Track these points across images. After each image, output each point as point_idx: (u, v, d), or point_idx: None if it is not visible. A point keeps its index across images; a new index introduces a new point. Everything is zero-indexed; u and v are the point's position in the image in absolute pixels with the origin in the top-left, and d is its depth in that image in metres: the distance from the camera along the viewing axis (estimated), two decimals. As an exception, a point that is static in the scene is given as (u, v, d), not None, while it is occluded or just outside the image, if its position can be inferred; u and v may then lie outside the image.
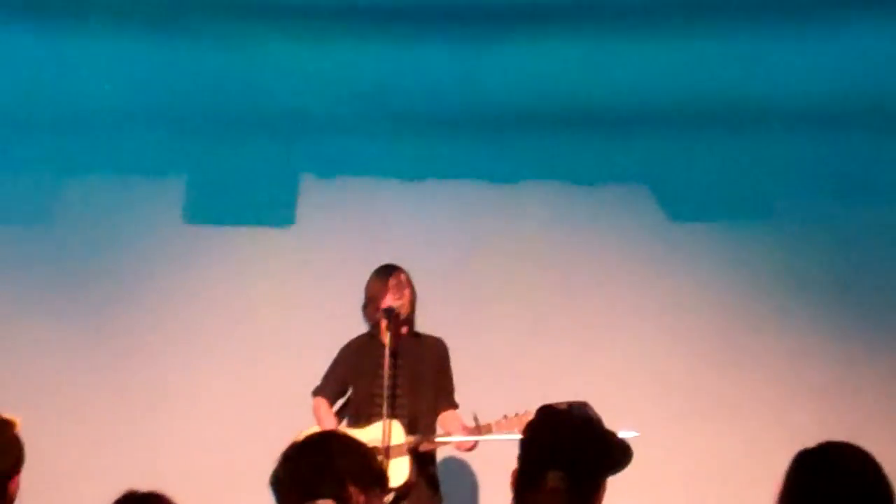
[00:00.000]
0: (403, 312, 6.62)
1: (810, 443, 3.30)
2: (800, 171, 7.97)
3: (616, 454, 3.33)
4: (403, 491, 6.39)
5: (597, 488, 3.29)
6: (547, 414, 3.39)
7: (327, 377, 6.78)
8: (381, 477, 3.59)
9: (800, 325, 7.94)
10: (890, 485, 3.20)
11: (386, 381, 6.35)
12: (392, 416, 6.39)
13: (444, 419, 6.66)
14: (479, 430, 6.45)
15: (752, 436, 7.53)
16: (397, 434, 6.40)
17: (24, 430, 4.17)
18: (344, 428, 6.49)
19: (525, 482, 3.32)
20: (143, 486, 3.61)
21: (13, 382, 7.57)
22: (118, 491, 3.58)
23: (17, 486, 4.04)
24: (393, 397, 6.41)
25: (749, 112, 7.87)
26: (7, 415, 4.13)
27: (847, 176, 7.93)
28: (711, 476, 7.60)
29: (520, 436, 6.26)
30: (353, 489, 3.43)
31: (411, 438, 6.42)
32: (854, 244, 7.98)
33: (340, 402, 6.79)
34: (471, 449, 6.65)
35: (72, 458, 7.78)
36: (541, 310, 7.97)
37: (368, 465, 3.57)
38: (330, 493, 3.40)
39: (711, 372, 7.87)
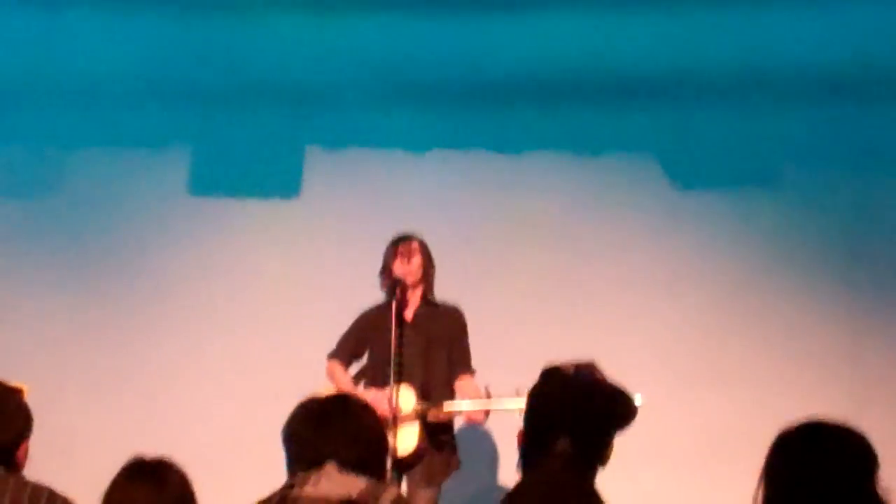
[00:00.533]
0: (411, 280, 6.64)
1: (817, 411, 3.26)
2: (807, 139, 7.95)
3: (622, 412, 3.34)
4: (413, 459, 6.40)
5: (604, 447, 3.30)
6: (553, 378, 3.38)
7: (342, 342, 6.80)
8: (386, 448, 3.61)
9: (807, 294, 7.93)
10: (873, 462, 3.13)
11: (393, 349, 6.36)
12: (403, 382, 6.41)
13: (461, 386, 6.66)
14: (488, 401, 6.45)
15: (759, 404, 7.51)
16: (409, 400, 6.41)
17: (31, 400, 4.19)
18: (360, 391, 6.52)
19: (532, 446, 3.32)
20: (151, 453, 3.62)
21: (19, 354, 7.56)
22: (125, 458, 3.59)
23: (26, 453, 4.06)
24: (401, 364, 6.42)
25: (756, 80, 7.84)
26: (14, 383, 4.15)
27: (855, 144, 7.90)
28: (716, 443, 7.59)
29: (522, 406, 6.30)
30: (363, 453, 3.44)
31: (418, 406, 6.43)
32: (862, 213, 7.97)
33: (355, 367, 6.79)
34: (479, 421, 6.65)
35: (79, 426, 7.80)
36: (548, 279, 7.96)
37: (383, 434, 3.58)
38: (349, 452, 3.40)
39: (718, 340, 7.87)
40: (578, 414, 3.30)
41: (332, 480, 3.33)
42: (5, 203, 8.26)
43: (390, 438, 5.78)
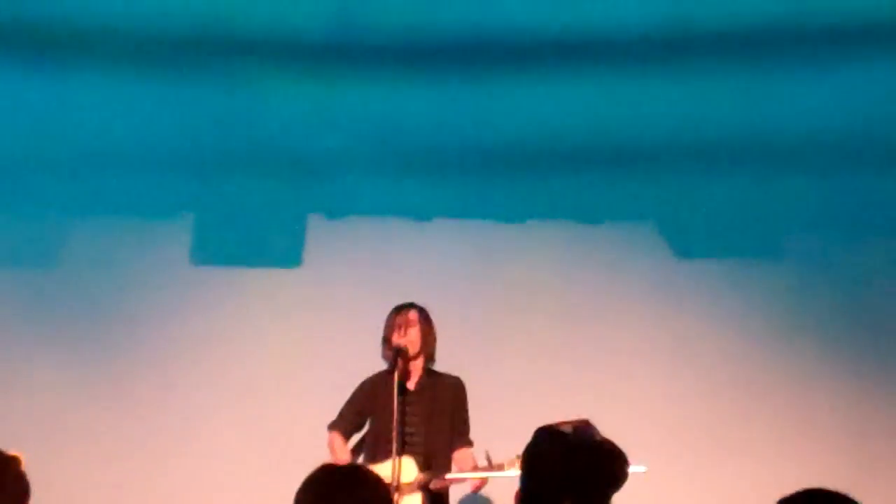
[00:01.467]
0: (411, 350, 6.63)
1: (818, 483, 3.26)
2: (809, 208, 7.97)
3: (620, 471, 3.32)
4: None
5: None
6: (551, 438, 3.35)
7: (343, 412, 6.77)
8: None
9: (809, 363, 7.91)
10: None
11: (396, 418, 6.35)
12: (405, 453, 6.39)
13: (458, 457, 6.65)
14: (491, 468, 6.40)
15: (760, 474, 7.48)
16: (411, 471, 6.38)
17: (32, 471, 4.16)
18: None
19: None
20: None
21: (21, 423, 7.54)
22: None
23: None
24: (403, 434, 6.41)
25: (757, 150, 7.87)
26: (11, 452, 4.12)
27: (857, 213, 7.92)
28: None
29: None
30: None
31: (421, 476, 6.40)
32: (865, 282, 7.97)
33: (357, 437, 6.76)
34: (480, 487, 6.60)
35: (76, 497, 7.75)
36: (549, 347, 7.95)
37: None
38: None
39: (719, 409, 7.85)
40: (581, 474, 3.26)
41: None
42: (6, 272, 8.26)
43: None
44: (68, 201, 8.23)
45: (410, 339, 6.64)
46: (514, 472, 6.23)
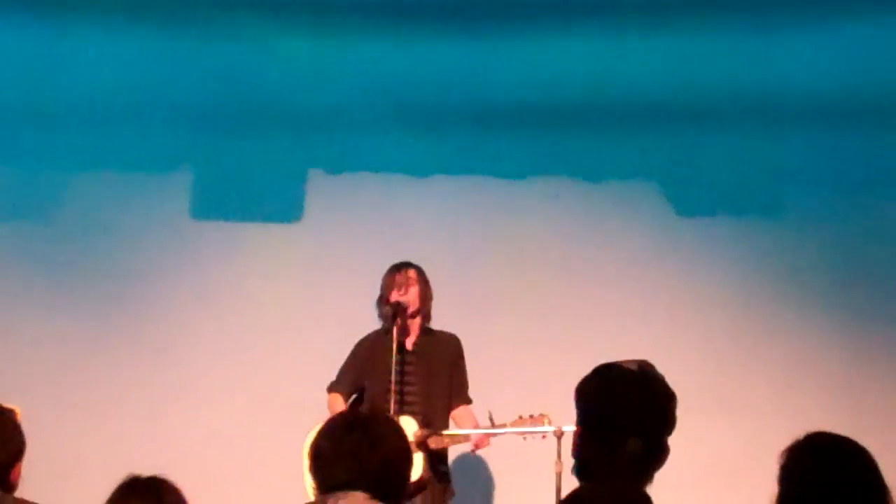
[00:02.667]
0: (410, 308, 6.63)
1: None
2: (808, 166, 7.95)
3: (675, 415, 3.26)
4: (417, 488, 6.31)
5: (667, 449, 3.20)
6: (618, 376, 3.25)
7: (342, 373, 6.77)
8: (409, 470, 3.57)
9: (807, 321, 7.91)
10: (878, 470, 3.19)
11: (393, 377, 6.35)
12: (404, 412, 6.40)
13: (457, 415, 6.66)
14: (493, 427, 6.41)
15: (757, 433, 7.49)
16: (410, 429, 6.38)
17: (28, 423, 4.17)
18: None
19: (597, 445, 3.20)
20: (147, 473, 3.59)
21: (18, 377, 7.54)
22: (121, 479, 3.56)
23: (19, 475, 4.04)
24: (402, 393, 6.42)
25: (757, 107, 7.86)
26: (7, 404, 4.13)
27: (856, 172, 7.90)
28: (715, 472, 7.59)
29: (529, 430, 6.27)
30: (392, 477, 3.40)
31: (420, 433, 6.40)
32: (862, 241, 7.96)
33: (355, 396, 6.77)
34: (481, 446, 6.59)
35: (75, 448, 7.77)
36: (548, 305, 7.96)
37: (410, 455, 3.54)
38: (373, 476, 3.36)
39: (717, 368, 7.86)
40: (650, 415, 3.19)
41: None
42: (5, 225, 8.25)
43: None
44: (66, 155, 8.22)
45: (410, 297, 6.64)
46: (510, 430, 6.28)
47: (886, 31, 7.77)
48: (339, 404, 6.68)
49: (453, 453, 6.81)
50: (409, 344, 6.67)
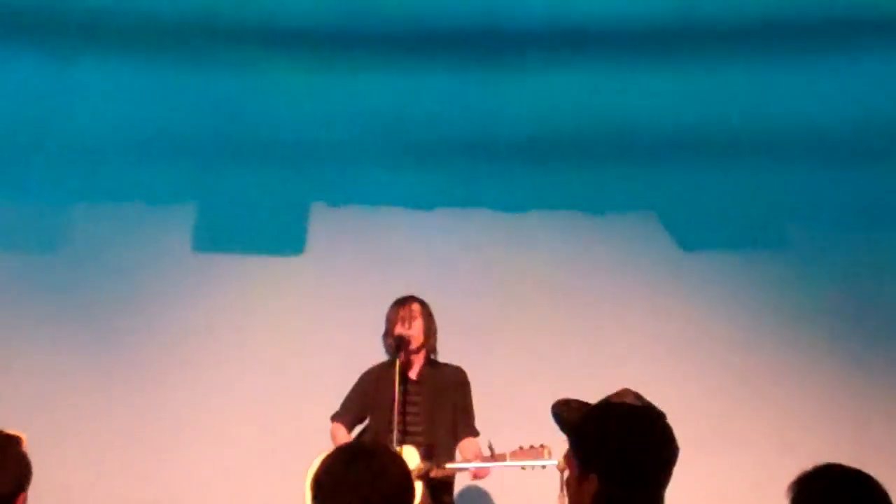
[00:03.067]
0: (414, 342, 6.64)
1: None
2: (813, 201, 7.96)
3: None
4: None
5: None
6: (624, 411, 3.05)
7: (346, 403, 6.78)
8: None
9: (811, 357, 7.91)
10: (889, 501, 3.19)
11: (396, 407, 6.35)
12: (407, 443, 6.40)
13: (463, 447, 6.65)
14: (493, 458, 6.40)
15: (763, 465, 7.48)
16: (412, 460, 6.38)
17: (35, 455, 4.15)
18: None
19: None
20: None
21: (20, 409, 7.52)
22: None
23: (25, 503, 4.02)
24: (405, 423, 6.41)
25: (761, 142, 7.88)
26: (12, 431, 4.11)
27: (861, 207, 7.92)
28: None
29: (528, 463, 6.26)
30: None
31: (421, 465, 6.40)
32: (867, 276, 7.96)
33: (359, 428, 6.76)
34: (482, 477, 6.59)
35: (76, 480, 7.74)
36: (551, 338, 7.95)
37: (412, 487, 3.53)
38: None
39: (722, 401, 7.85)
40: (665, 452, 3.02)
41: None
42: (8, 258, 8.25)
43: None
44: (71, 187, 8.23)
45: (414, 332, 6.65)
46: (511, 463, 6.28)
47: (891, 67, 7.80)
48: (342, 434, 6.69)
49: (458, 485, 6.79)
50: (413, 374, 6.68)
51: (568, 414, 3.15)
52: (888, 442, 7.62)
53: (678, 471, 3.00)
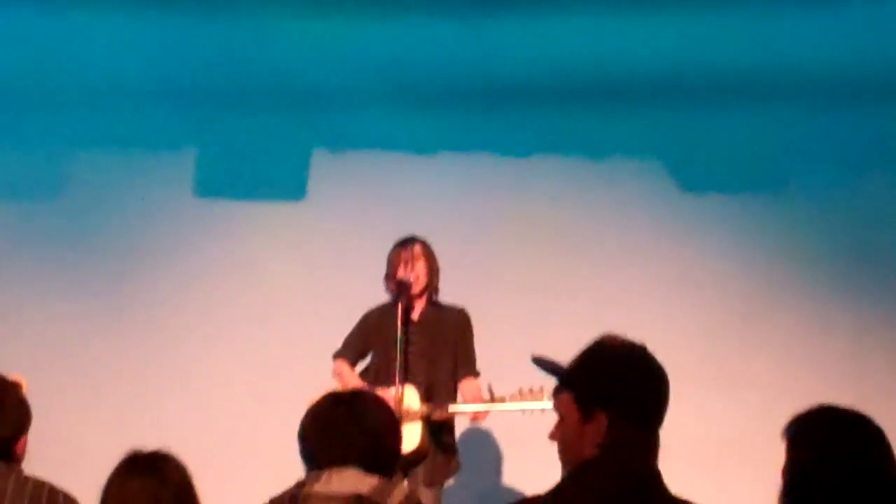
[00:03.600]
0: (416, 284, 6.63)
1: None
2: (813, 143, 7.94)
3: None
4: (414, 458, 6.37)
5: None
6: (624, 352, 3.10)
7: (348, 340, 6.79)
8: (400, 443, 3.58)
9: (810, 297, 7.92)
10: (887, 441, 3.19)
11: (398, 346, 6.35)
12: (408, 383, 6.43)
13: (464, 388, 6.66)
14: (492, 402, 6.44)
15: (762, 408, 7.50)
16: (413, 401, 6.40)
17: (34, 398, 4.18)
18: (365, 392, 6.50)
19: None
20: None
21: (22, 354, 7.53)
22: (124, 454, 3.56)
23: (24, 447, 4.05)
24: (406, 363, 6.43)
25: (762, 84, 7.84)
26: (12, 376, 4.14)
27: (861, 149, 7.90)
28: (720, 446, 7.60)
29: (528, 406, 6.30)
30: (377, 450, 3.41)
31: (423, 406, 6.41)
32: (867, 217, 7.96)
33: (360, 367, 6.78)
34: (480, 419, 6.63)
35: (79, 426, 7.80)
36: (553, 281, 7.96)
37: (397, 431, 3.56)
38: (362, 450, 3.37)
39: (722, 343, 7.87)
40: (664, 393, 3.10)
41: (343, 478, 3.32)
42: (10, 205, 8.27)
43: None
44: (71, 133, 8.23)
45: (416, 273, 6.64)
46: (513, 406, 6.29)
47: (891, 8, 7.75)
48: (346, 369, 6.72)
49: (460, 426, 6.82)
50: (415, 316, 6.68)
51: (552, 363, 3.18)
52: (887, 382, 7.63)
53: (677, 410, 3.04)
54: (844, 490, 3.06)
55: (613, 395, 3.01)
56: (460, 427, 6.84)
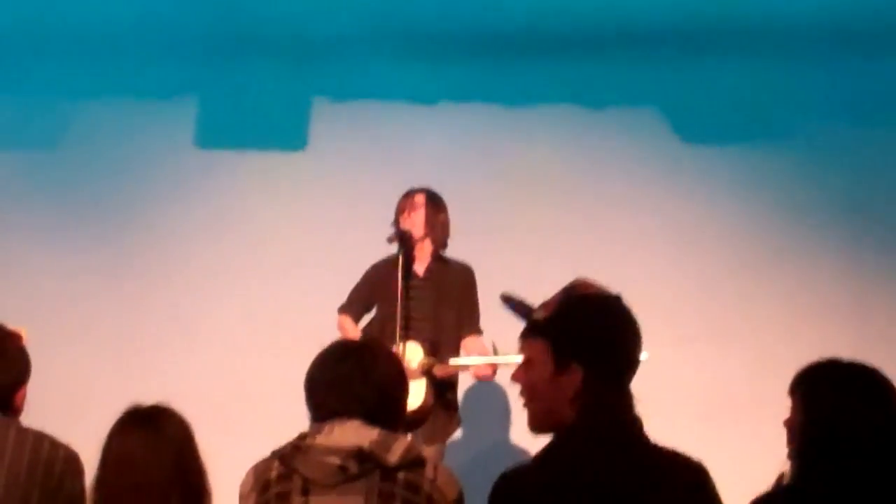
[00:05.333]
0: (415, 233, 6.60)
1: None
2: (817, 93, 7.91)
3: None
4: (419, 415, 6.33)
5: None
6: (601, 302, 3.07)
7: (352, 295, 6.77)
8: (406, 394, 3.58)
9: (812, 250, 7.92)
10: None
11: (400, 303, 6.34)
12: (411, 338, 6.41)
13: (467, 344, 6.65)
14: (496, 357, 6.40)
15: (762, 358, 7.52)
16: (416, 356, 6.38)
17: (36, 349, 4.18)
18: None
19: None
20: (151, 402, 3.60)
21: (22, 304, 7.54)
22: (125, 407, 3.57)
23: (24, 397, 4.06)
24: (408, 318, 6.41)
25: (766, 32, 7.79)
26: (13, 327, 4.13)
27: (866, 98, 7.87)
28: (720, 397, 7.61)
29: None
30: (382, 403, 3.41)
31: (425, 361, 6.40)
32: (869, 167, 7.95)
33: (366, 321, 6.76)
34: (487, 377, 6.57)
35: (79, 377, 7.80)
36: (553, 232, 7.95)
37: (405, 382, 3.55)
38: (367, 404, 3.37)
39: (722, 294, 7.87)
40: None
41: (346, 430, 3.32)
42: (11, 154, 8.24)
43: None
44: (71, 83, 8.20)
45: (414, 222, 6.61)
46: (517, 359, 6.25)
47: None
48: (350, 324, 6.70)
49: (462, 383, 6.82)
50: (419, 270, 6.65)
51: (522, 304, 3.14)
52: (888, 333, 7.63)
53: (678, 362, 3.02)
54: (860, 442, 3.07)
55: (592, 350, 2.97)
56: (463, 383, 6.84)
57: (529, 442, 3.15)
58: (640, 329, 3.02)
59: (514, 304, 3.16)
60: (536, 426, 3.05)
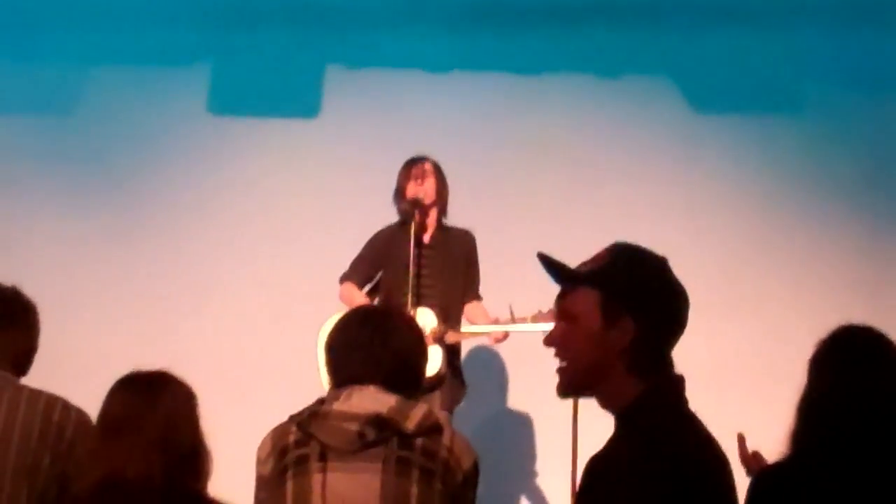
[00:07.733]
0: (427, 201, 6.59)
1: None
2: (830, 62, 7.89)
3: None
4: (435, 381, 6.32)
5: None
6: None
7: (356, 263, 6.74)
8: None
9: (825, 219, 7.90)
10: None
11: (411, 269, 6.34)
12: (420, 305, 6.41)
13: (469, 310, 6.66)
14: (513, 322, 6.37)
15: (775, 330, 7.52)
16: (429, 322, 6.38)
17: (46, 316, 4.19)
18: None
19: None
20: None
21: (35, 270, 7.53)
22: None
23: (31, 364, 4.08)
24: (419, 286, 6.41)
25: (777, 1, 7.76)
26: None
27: (879, 68, 7.84)
28: (733, 369, 7.61)
29: (548, 327, 6.28)
30: (402, 370, 3.41)
31: (438, 328, 6.40)
32: (883, 136, 7.92)
33: (367, 289, 6.75)
34: (501, 340, 6.56)
35: (93, 341, 7.79)
36: (564, 201, 7.95)
37: (424, 349, 3.55)
38: (386, 370, 3.37)
39: (735, 265, 7.86)
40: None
41: (364, 396, 3.33)
42: (25, 120, 8.25)
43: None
44: (85, 49, 8.19)
45: (427, 189, 6.60)
46: (530, 327, 6.25)
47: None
48: (355, 292, 6.66)
49: (466, 347, 6.82)
50: (426, 238, 6.64)
51: (560, 263, 2.93)
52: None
53: (693, 331, 2.90)
54: (872, 412, 3.06)
55: (647, 301, 2.76)
56: (467, 348, 6.85)
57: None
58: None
59: (551, 263, 2.93)
60: (572, 388, 2.85)
